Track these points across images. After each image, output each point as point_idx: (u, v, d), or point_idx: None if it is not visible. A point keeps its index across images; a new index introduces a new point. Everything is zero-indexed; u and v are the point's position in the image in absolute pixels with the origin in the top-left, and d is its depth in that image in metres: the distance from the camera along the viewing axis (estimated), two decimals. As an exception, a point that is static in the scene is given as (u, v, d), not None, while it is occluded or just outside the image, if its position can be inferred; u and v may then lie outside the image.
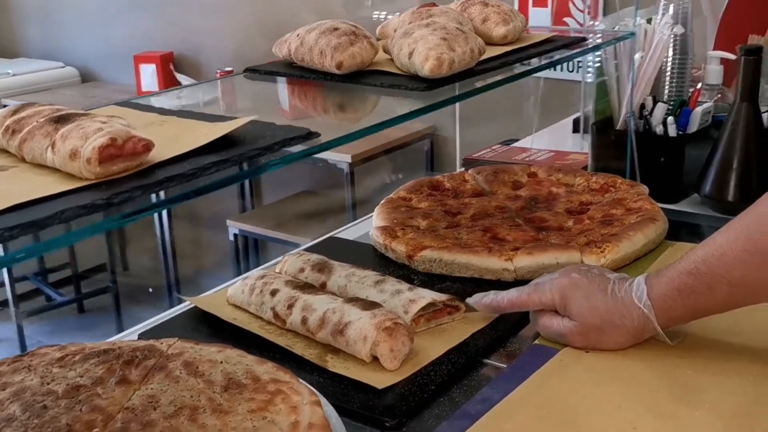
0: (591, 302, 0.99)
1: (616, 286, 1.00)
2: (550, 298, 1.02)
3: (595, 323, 0.99)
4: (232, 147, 0.82)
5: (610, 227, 1.31)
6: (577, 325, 1.00)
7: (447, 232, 1.33)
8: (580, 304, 0.99)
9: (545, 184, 1.52)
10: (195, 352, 0.97)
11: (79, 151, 0.71)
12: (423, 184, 1.52)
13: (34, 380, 0.91)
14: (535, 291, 1.04)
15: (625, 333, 0.98)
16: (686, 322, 0.99)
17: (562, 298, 1.01)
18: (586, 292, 1.00)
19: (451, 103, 1.05)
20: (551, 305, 1.02)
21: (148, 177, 0.74)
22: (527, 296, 1.04)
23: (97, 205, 0.68)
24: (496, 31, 1.28)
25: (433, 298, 1.08)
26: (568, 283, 1.01)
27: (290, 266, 1.21)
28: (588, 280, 1.01)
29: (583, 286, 1.00)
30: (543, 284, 1.04)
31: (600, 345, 1.00)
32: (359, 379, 0.96)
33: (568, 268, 1.05)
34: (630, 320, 0.97)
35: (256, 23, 3.87)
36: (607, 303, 0.98)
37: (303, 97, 1.16)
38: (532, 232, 1.32)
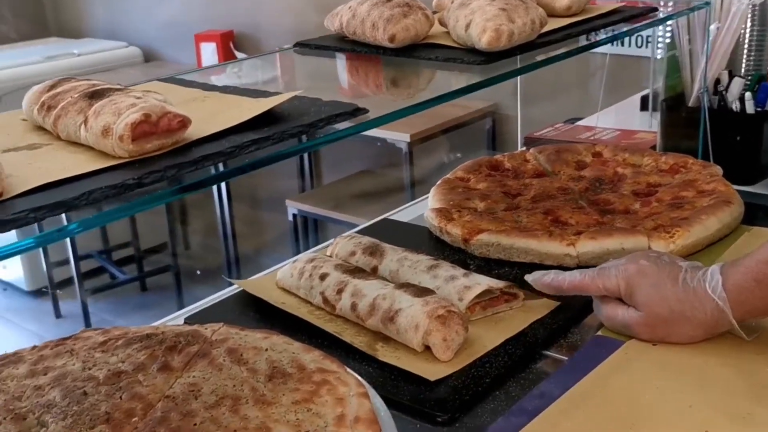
0: (660, 292, 0.92)
1: (687, 275, 0.92)
2: (615, 285, 0.95)
3: (664, 315, 0.92)
4: (275, 124, 0.77)
5: (680, 210, 1.23)
6: (643, 315, 0.93)
7: (506, 215, 1.27)
8: (648, 293, 0.93)
9: (610, 165, 1.44)
10: (240, 338, 0.93)
11: (112, 128, 0.67)
12: (482, 164, 1.46)
13: (76, 365, 0.89)
14: (599, 276, 0.97)
15: (697, 326, 0.91)
16: (765, 316, 0.91)
17: (629, 286, 0.94)
18: (655, 281, 0.93)
19: (511, 77, 0.98)
20: (616, 292, 0.96)
21: (184, 155, 0.69)
22: (590, 280, 0.97)
23: (128, 185, 0.64)
24: (559, 1, 1.21)
25: (490, 284, 1.02)
26: (635, 269, 0.94)
27: (341, 249, 1.17)
28: (657, 267, 0.94)
29: (651, 273, 0.93)
30: (608, 269, 0.97)
31: (668, 338, 0.93)
32: (410, 369, 0.91)
33: (636, 254, 0.98)
34: (702, 313, 0.90)
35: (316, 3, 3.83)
36: (678, 293, 0.91)
37: (353, 71, 1.11)
38: (596, 215, 1.25)
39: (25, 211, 0.59)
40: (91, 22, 5.01)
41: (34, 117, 0.78)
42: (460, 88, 0.92)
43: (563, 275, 1.00)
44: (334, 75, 1.12)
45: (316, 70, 1.16)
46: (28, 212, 0.59)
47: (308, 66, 1.16)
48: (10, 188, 0.62)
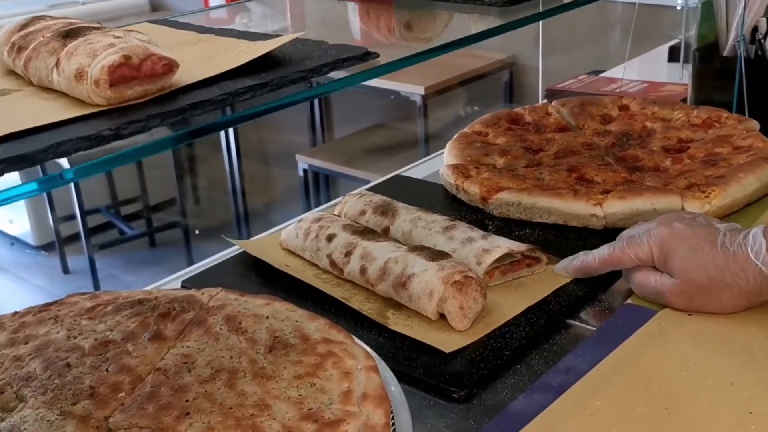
0: (697, 257, 0.84)
1: (726, 239, 0.84)
2: (647, 252, 0.87)
3: (701, 282, 0.84)
4: (275, 69, 0.69)
5: (714, 168, 1.14)
6: (679, 283, 0.85)
7: (527, 172, 1.18)
8: (684, 258, 0.85)
9: (638, 119, 1.35)
10: (239, 304, 0.86)
11: (86, 71, 0.59)
12: (501, 117, 1.37)
13: (60, 333, 0.82)
14: (629, 245, 0.89)
15: (738, 295, 0.83)
16: None
17: (662, 252, 0.86)
18: (692, 245, 0.85)
19: (534, 20, 0.89)
20: (648, 260, 0.88)
21: (169, 103, 0.61)
22: (621, 252, 0.89)
23: (103, 137, 0.56)
24: (589, -60, 1.11)
25: (510, 247, 0.94)
26: (668, 233, 0.86)
27: (350, 208, 1.09)
28: (693, 230, 0.86)
29: (687, 237, 0.85)
30: (639, 236, 0.89)
31: (706, 308, 0.85)
32: (423, 340, 0.84)
33: (668, 216, 0.90)
34: (744, 280, 0.82)
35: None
36: (717, 258, 0.83)
37: (364, 13, 1.02)
38: (623, 172, 1.16)
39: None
40: (98, -30, 4.89)
41: (5, 60, 0.70)
42: (478, 33, 0.83)
43: (591, 254, 0.92)
44: (344, 18, 1.03)
45: (325, 12, 1.07)
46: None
47: (318, 9, 1.07)
48: (-30, 142, 0.54)
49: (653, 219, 0.91)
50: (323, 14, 1.08)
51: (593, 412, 0.71)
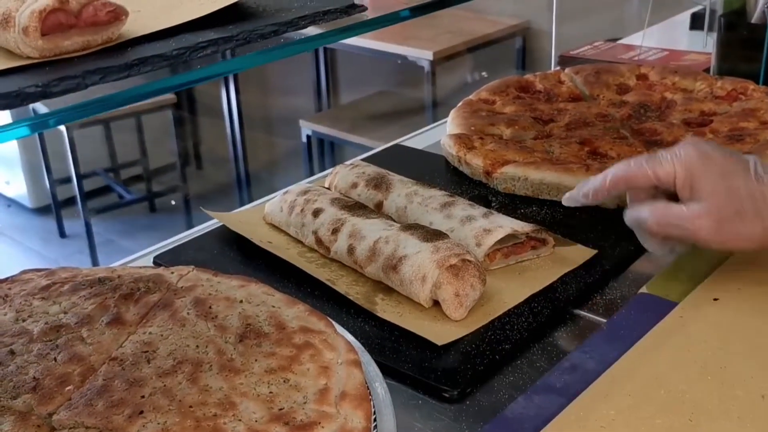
0: (729, 181, 0.75)
1: (759, 168, 0.75)
2: (669, 172, 0.76)
3: (734, 208, 0.74)
4: (244, 21, 0.60)
5: (740, 144, 1.05)
6: (707, 207, 0.75)
7: (536, 144, 1.09)
8: (715, 181, 0.75)
9: (658, 89, 1.25)
10: (211, 285, 0.78)
11: (13, 16, 0.50)
12: (510, 84, 1.28)
13: (8, 315, 0.74)
14: (649, 162, 0.78)
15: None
16: None
17: (688, 173, 0.76)
18: (722, 169, 0.75)
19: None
20: (669, 180, 0.77)
21: (113, 57, 0.52)
22: (638, 168, 0.78)
23: (28, 94, 0.47)
24: None
25: (514, 228, 0.85)
26: (696, 154, 0.76)
27: (341, 180, 1.00)
28: (723, 155, 0.77)
29: (717, 160, 0.76)
30: (661, 155, 0.78)
31: (734, 240, 0.75)
32: (414, 330, 0.75)
33: (694, 139, 0.80)
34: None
35: None
36: (751, 186, 0.74)
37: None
38: (640, 147, 1.07)
39: None
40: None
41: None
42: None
43: (602, 174, 0.81)
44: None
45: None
46: None
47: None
48: None
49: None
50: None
51: (606, 423, 0.62)
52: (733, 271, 0.83)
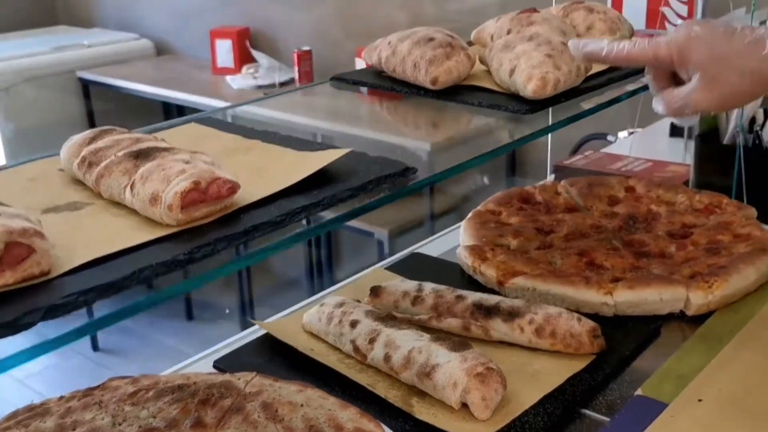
0: (716, 49, 0.87)
1: (746, 31, 0.88)
2: (666, 53, 0.90)
3: (722, 71, 0.87)
4: (322, 183, 0.75)
5: (716, 257, 1.21)
6: (701, 77, 0.88)
7: (539, 254, 1.24)
8: (703, 52, 0.88)
9: (644, 201, 1.42)
10: (274, 391, 0.91)
11: (160, 196, 0.65)
12: (513, 196, 1.43)
13: (105, 419, 0.86)
14: (649, 44, 0.91)
15: (762, 80, 0.86)
16: None
17: (681, 51, 0.89)
18: (710, 40, 0.88)
19: (559, 127, 0.96)
20: (666, 59, 0.90)
21: (233, 224, 0.67)
22: (640, 50, 0.91)
23: (179, 261, 0.61)
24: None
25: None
26: (686, 34, 0.89)
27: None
28: (711, 29, 0.89)
29: (705, 34, 0.89)
30: (659, 38, 0.91)
31: (734, 99, 0.90)
32: (448, 429, 0.89)
33: (687, 22, 0.93)
34: (766, 62, 0.85)
35: (335, 3, 3.79)
36: (735, 46, 0.86)
37: (394, 112, 1.08)
38: (631, 258, 1.22)
39: (74, 295, 0.56)
40: (102, 11, 4.96)
41: (74, 171, 0.75)
42: (508, 143, 0.89)
43: (611, 44, 0.93)
44: (375, 117, 1.10)
45: (355, 109, 1.14)
46: (77, 296, 0.56)
47: (347, 104, 1.13)
48: (57, 264, 0.59)
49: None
50: (336, 104, 1.14)
51: None
52: (716, 371, 0.98)
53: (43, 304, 0.54)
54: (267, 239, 0.66)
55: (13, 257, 0.56)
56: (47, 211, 0.70)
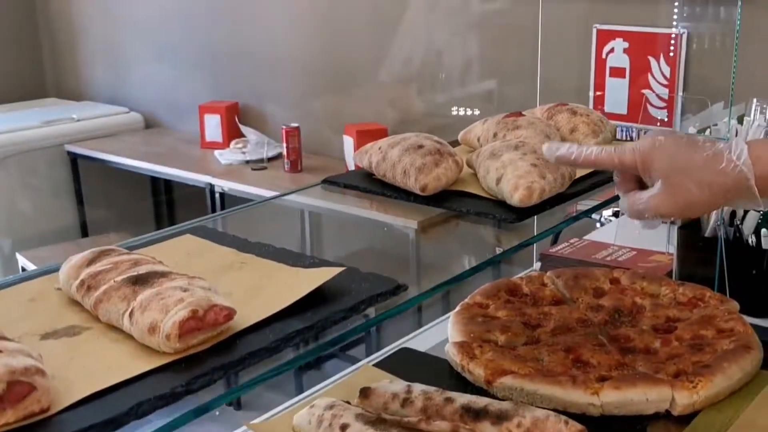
0: (678, 159, 0.93)
1: (707, 144, 0.94)
2: (631, 160, 0.95)
3: (682, 181, 0.92)
4: (315, 303, 0.77)
5: (701, 353, 1.22)
6: (663, 185, 0.93)
7: (527, 351, 1.26)
8: (665, 161, 0.94)
9: (629, 293, 1.44)
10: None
11: (159, 325, 0.67)
12: (500, 288, 1.45)
13: None
14: (615, 150, 0.97)
15: (717, 193, 0.92)
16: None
17: (645, 159, 0.94)
18: (672, 151, 0.94)
19: (546, 236, 0.99)
20: (632, 166, 0.96)
21: (229, 351, 0.69)
22: (607, 156, 0.96)
23: (177, 394, 0.63)
24: (585, 142, 1.22)
25: None
26: (651, 143, 0.95)
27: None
28: (674, 139, 0.95)
29: (669, 145, 0.94)
30: (625, 145, 0.97)
31: (691, 208, 0.95)
32: None
33: (653, 132, 0.99)
34: (723, 178, 0.91)
35: (323, 80, 3.86)
36: (696, 159, 0.92)
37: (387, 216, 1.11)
38: (617, 354, 1.24)
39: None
40: (92, 84, 5.03)
41: (72, 293, 0.77)
42: (497, 256, 0.92)
43: (580, 149, 0.98)
44: (365, 221, 1.12)
45: (346, 216, 1.17)
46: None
47: (338, 210, 1.16)
48: (57, 399, 0.61)
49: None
50: (346, 220, 1.16)
51: None
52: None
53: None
54: (263, 365, 0.68)
55: (14, 395, 0.57)
56: (46, 336, 0.71)
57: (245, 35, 4.12)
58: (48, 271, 0.85)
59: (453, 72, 3.39)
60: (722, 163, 0.91)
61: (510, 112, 1.23)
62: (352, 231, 1.12)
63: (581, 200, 1.10)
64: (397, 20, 3.48)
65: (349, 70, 3.78)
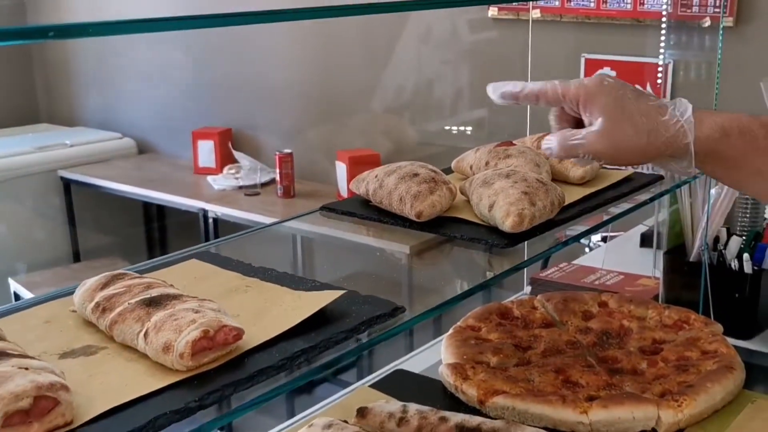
0: (621, 102, 0.91)
1: (652, 97, 0.93)
2: (574, 94, 0.93)
3: (623, 124, 0.91)
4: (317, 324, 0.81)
5: (686, 374, 1.27)
6: (602, 123, 0.91)
7: (518, 372, 1.30)
8: (609, 102, 0.92)
9: (617, 316, 1.49)
10: None
11: (173, 345, 0.71)
12: (492, 311, 1.50)
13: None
14: (559, 83, 0.95)
15: (655, 142, 0.90)
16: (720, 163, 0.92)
17: (588, 95, 0.93)
18: (618, 94, 0.92)
19: (536, 260, 1.03)
20: (574, 100, 0.93)
21: (239, 369, 0.73)
22: (551, 86, 0.95)
23: (191, 409, 0.67)
24: (573, 171, 1.27)
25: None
26: (598, 82, 0.94)
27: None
28: (622, 84, 0.94)
29: (615, 87, 0.93)
30: (569, 81, 0.95)
31: (623, 152, 0.92)
32: None
33: (601, 72, 1.02)
34: (665, 128, 0.90)
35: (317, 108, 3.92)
36: (639, 105, 0.91)
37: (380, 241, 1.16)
38: (605, 375, 1.28)
39: (97, 445, 0.61)
40: (84, 110, 5.06)
41: (87, 314, 0.81)
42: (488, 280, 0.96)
43: (524, 84, 0.97)
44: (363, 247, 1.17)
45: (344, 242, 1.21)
46: (99, 447, 0.61)
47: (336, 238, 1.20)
48: (78, 413, 0.65)
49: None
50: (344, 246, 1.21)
51: None
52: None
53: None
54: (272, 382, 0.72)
55: (39, 409, 0.61)
56: (64, 356, 0.75)
57: (239, 62, 4.18)
58: (60, 295, 0.89)
59: (445, 101, 3.45)
60: (665, 116, 0.90)
61: (501, 141, 1.28)
62: (347, 256, 1.14)
63: (570, 226, 1.14)
64: (389, 50, 3.54)
65: (342, 99, 3.83)
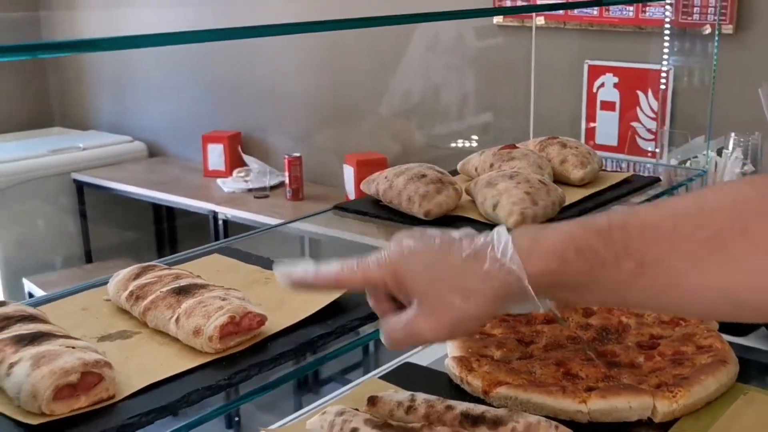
0: (433, 271, 0.74)
1: (464, 244, 0.75)
2: (378, 276, 0.76)
3: (443, 296, 0.74)
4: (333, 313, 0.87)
5: (681, 368, 1.33)
6: (420, 303, 0.74)
7: (521, 365, 1.36)
8: (418, 274, 0.75)
9: (615, 313, 1.55)
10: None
11: (202, 329, 0.77)
12: (495, 309, 1.56)
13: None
14: (359, 267, 0.77)
15: (484, 301, 0.74)
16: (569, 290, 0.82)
17: (395, 272, 0.75)
18: (425, 261, 0.75)
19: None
20: (380, 284, 0.77)
21: (263, 352, 0.79)
22: (349, 272, 0.77)
23: (221, 386, 0.73)
24: (574, 173, 1.33)
25: None
26: (398, 254, 0.76)
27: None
28: (424, 244, 0.77)
29: (419, 252, 0.76)
30: (370, 258, 0.77)
31: (460, 325, 0.76)
32: None
33: (399, 235, 0.79)
34: (490, 282, 0.73)
35: (325, 112, 3.98)
36: (452, 264, 0.74)
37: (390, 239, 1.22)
38: (604, 368, 1.34)
39: (137, 416, 0.68)
40: (97, 114, 5.14)
41: (121, 302, 0.88)
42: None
43: (318, 268, 0.78)
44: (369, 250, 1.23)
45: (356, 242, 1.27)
46: (140, 416, 0.68)
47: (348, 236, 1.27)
48: (119, 389, 0.71)
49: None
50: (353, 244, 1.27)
51: None
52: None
53: (114, 424, 0.66)
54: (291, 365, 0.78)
55: (86, 384, 0.68)
56: (102, 339, 0.82)
57: (249, 68, 4.25)
58: (94, 285, 0.96)
59: (451, 106, 3.52)
60: (485, 264, 0.73)
61: (505, 145, 1.35)
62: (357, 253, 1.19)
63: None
64: (397, 56, 3.61)
65: (351, 103, 3.90)
